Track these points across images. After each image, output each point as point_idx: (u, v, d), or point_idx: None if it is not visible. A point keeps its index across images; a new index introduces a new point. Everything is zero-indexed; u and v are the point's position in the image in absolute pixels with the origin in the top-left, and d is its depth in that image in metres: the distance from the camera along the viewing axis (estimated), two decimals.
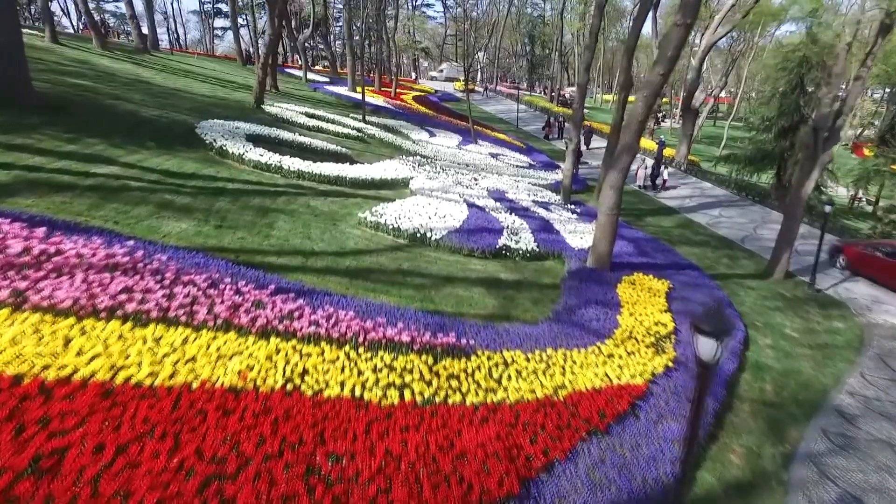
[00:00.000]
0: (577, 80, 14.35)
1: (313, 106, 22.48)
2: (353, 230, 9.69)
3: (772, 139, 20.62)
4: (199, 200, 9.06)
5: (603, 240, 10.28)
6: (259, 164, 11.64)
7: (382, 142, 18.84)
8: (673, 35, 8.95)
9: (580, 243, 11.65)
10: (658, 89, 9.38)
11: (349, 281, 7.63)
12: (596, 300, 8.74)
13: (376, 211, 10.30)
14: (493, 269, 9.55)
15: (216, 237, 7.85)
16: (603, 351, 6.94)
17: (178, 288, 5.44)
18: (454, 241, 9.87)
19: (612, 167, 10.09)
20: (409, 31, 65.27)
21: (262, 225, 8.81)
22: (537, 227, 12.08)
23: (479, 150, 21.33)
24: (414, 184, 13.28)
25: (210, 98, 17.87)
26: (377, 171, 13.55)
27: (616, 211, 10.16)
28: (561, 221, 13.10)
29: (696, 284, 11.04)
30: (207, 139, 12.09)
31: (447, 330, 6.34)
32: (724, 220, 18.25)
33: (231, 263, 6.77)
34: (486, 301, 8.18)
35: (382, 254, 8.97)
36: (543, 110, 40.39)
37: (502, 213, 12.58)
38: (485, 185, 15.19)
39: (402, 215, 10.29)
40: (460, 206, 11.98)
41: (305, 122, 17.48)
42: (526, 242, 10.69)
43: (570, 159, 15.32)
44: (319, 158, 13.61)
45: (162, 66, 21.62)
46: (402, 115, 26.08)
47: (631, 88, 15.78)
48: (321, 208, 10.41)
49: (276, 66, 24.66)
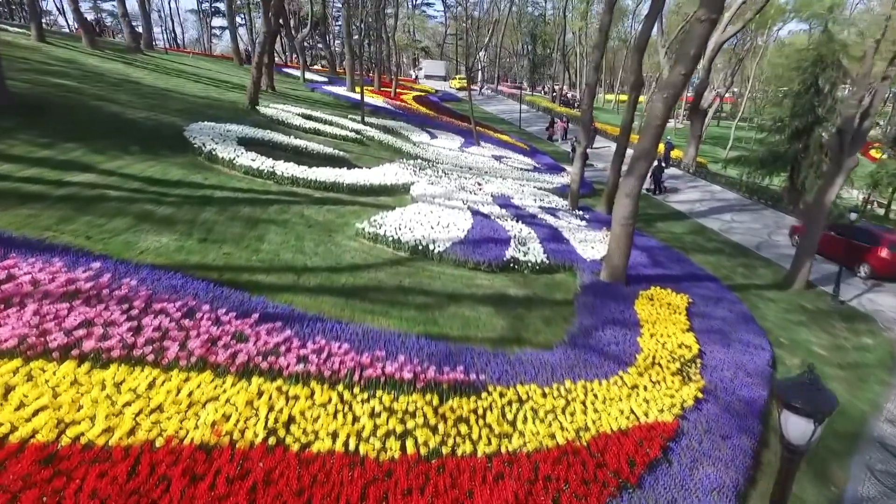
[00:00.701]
0: (586, 80, 13.67)
1: (310, 107, 21.77)
2: (349, 242, 9.00)
3: (784, 141, 19.90)
4: (184, 211, 8.37)
5: (617, 252, 9.60)
6: (250, 170, 10.95)
7: (382, 144, 18.14)
8: (696, 32, 8.26)
9: (592, 254, 10.97)
10: (680, 90, 8.71)
11: (345, 301, 6.94)
12: (613, 319, 8.06)
13: (375, 221, 9.61)
14: (501, 285, 8.87)
15: (199, 253, 7.16)
16: (626, 381, 6.26)
17: (148, 319, 4.76)
18: (459, 254, 9.18)
19: (627, 174, 9.41)
20: (409, 31, 64.61)
21: (251, 238, 8.12)
22: (546, 237, 11.40)
23: (481, 153, 20.64)
24: (415, 190, 12.59)
25: (202, 99, 17.18)
26: (376, 176, 12.86)
27: (632, 221, 9.48)
28: (570, 229, 12.42)
29: (716, 298, 10.36)
30: (196, 143, 11.40)
31: (454, 361, 5.66)
32: (737, 225, 17.58)
33: (213, 285, 6.09)
34: (494, 322, 7.49)
35: (381, 269, 8.28)
36: (546, 110, 39.70)
37: (508, 220, 11.89)
38: (489, 191, 14.50)
39: (402, 225, 9.60)
40: (464, 214, 11.30)
41: (302, 124, 16.79)
42: (535, 254, 10.01)
43: (579, 164, 14.63)
44: (315, 163, 12.92)
45: (154, 66, 20.91)
46: (402, 115, 25.39)
47: (642, 88, 15.09)
48: (316, 218, 9.72)
49: (272, 66, 23.96)
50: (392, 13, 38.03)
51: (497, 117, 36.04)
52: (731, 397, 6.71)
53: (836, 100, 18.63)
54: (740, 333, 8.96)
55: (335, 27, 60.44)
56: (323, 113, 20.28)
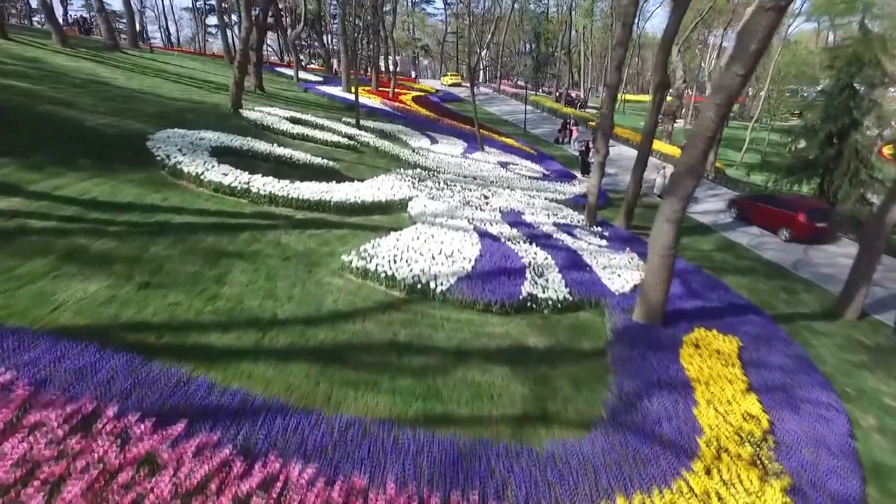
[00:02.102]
0: (606, 81, 12.09)
1: (302, 109, 20.19)
2: (333, 280, 7.42)
3: (815, 146, 18.32)
4: (128, 244, 6.80)
5: (655, 287, 8.02)
6: (221, 187, 9.38)
7: (377, 151, 16.56)
8: (759, 23, 6.66)
9: (619, 284, 9.40)
10: (736, 94, 7.12)
11: (320, 370, 5.37)
12: (658, 380, 6.49)
13: (365, 251, 8.03)
14: (518, 331, 7.30)
15: (136, 305, 5.59)
16: (693, 486, 4.69)
17: (12, 442, 3.19)
18: (466, 292, 7.60)
19: (669, 194, 7.83)
20: (408, 29, 62.95)
21: (210, 278, 6.55)
22: (565, 262, 9.83)
23: (486, 159, 19.05)
24: (414, 207, 11.01)
25: (180, 101, 15.60)
26: (369, 190, 11.28)
27: (673, 251, 7.91)
28: (591, 252, 10.84)
29: (766, 336, 8.81)
30: (159, 155, 9.84)
31: (465, 473, 4.10)
32: (768, 240, 15.98)
33: (141, 359, 4.51)
34: (512, 389, 5.93)
35: (371, 316, 6.70)
36: (551, 111, 38.09)
37: (521, 243, 10.32)
38: (497, 205, 12.92)
39: (398, 256, 8.02)
40: (471, 238, 9.72)
41: (289, 130, 15.21)
42: (555, 288, 8.44)
43: (597, 175, 13.05)
44: (300, 175, 11.36)
45: (131, 65, 19.32)
46: (401, 118, 23.80)
47: (668, 89, 13.50)
48: (294, 247, 8.13)
49: (261, 65, 22.38)
50: (390, 10, 36.36)
51: (500, 119, 34.43)
52: (821, 497, 5.16)
53: (875, 102, 17.07)
54: (805, 388, 7.42)
55: (334, 25, 58.72)
56: (314, 116, 18.71)
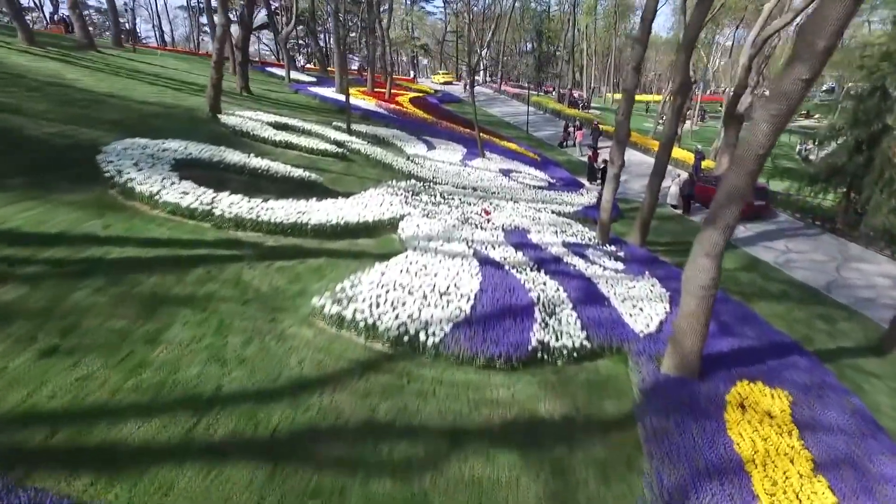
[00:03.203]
0: (624, 84, 10.72)
1: (290, 113, 18.84)
2: (301, 330, 6.07)
3: (843, 153, 16.96)
4: (42, 291, 5.45)
5: (691, 335, 6.67)
6: (179, 209, 8.03)
7: (369, 159, 15.20)
8: (832, 14, 5.29)
9: (643, 322, 8.06)
10: (797, 103, 5.75)
11: (269, 473, 4.03)
12: (706, 465, 5.15)
13: (343, 291, 6.68)
14: (527, 394, 5.95)
15: (30, 383, 4.25)
16: None
17: None
18: (463, 344, 6.26)
19: (709, 223, 6.48)
20: (407, 27, 61.52)
21: (140, 337, 5.20)
22: (579, 295, 8.49)
23: (487, 167, 17.68)
24: (405, 228, 9.66)
25: (151, 105, 14.25)
26: (354, 208, 9.93)
27: (713, 290, 6.56)
28: (606, 279, 9.49)
29: (817, 385, 7.48)
30: (109, 170, 8.49)
31: None
32: (795, 256, 14.65)
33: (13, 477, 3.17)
34: (523, 487, 4.57)
35: (344, 384, 5.35)
36: (554, 112, 36.70)
37: (527, 270, 8.98)
38: (500, 222, 11.56)
39: (382, 297, 6.67)
40: (470, 266, 8.37)
41: (271, 136, 13.85)
42: (570, 331, 7.10)
43: (611, 188, 11.68)
44: (278, 190, 10.03)
45: (104, 65, 17.95)
46: (397, 121, 22.43)
47: (689, 92, 12.14)
48: (258, 286, 6.78)
49: (246, 65, 21.02)
50: (386, 8, 34.93)
51: (502, 121, 33.05)
52: None
53: None
54: (874, 458, 6.08)
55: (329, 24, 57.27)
56: (302, 120, 17.34)
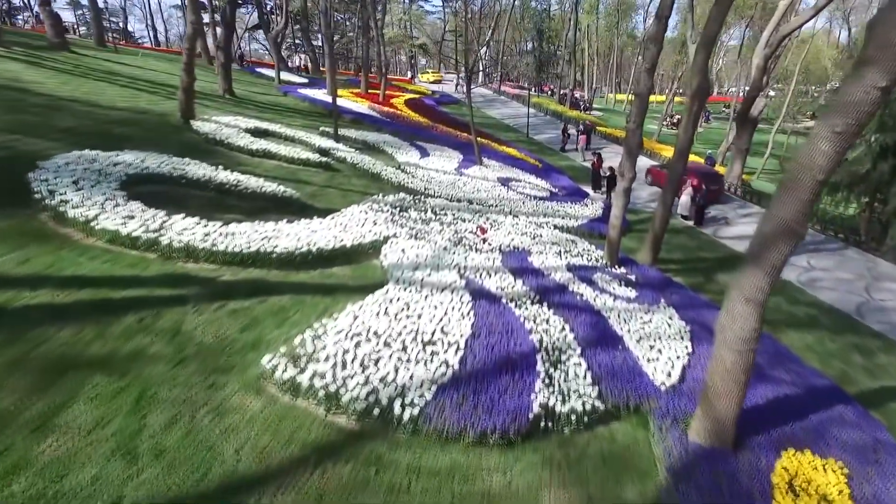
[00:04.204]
0: (636, 89, 9.55)
1: (274, 117, 17.65)
2: (246, 400, 4.87)
3: (867, 160, 15.77)
4: None
5: (726, 397, 5.48)
6: (118, 238, 6.84)
7: (356, 169, 14.00)
8: None
9: (664, 370, 6.86)
10: (868, 118, 4.55)
11: None
12: None
13: (303, 345, 5.48)
14: (528, 480, 4.75)
15: None
16: None
17: None
18: (449, 414, 5.05)
19: (752, 263, 5.29)
20: (404, 26, 60.23)
21: (25, 424, 4.00)
22: (588, 335, 7.30)
23: (484, 175, 16.48)
24: (388, 254, 8.46)
25: (118, 111, 13.06)
26: (331, 230, 8.74)
27: (755, 344, 5.38)
28: (619, 313, 8.29)
29: (871, 446, 6.30)
30: (40, 191, 7.30)
31: None
32: (820, 274, 13.45)
33: None
34: None
35: (292, 480, 4.13)
36: (555, 114, 35.48)
37: (527, 303, 7.79)
38: (497, 242, 10.37)
39: (351, 352, 5.47)
40: (461, 302, 7.18)
41: (247, 145, 12.65)
42: (579, 389, 5.90)
43: (621, 203, 10.48)
44: (246, 209, 8.85)
45: (74, 66, 16.76)
46: (390, 125, 21.24)
47: (707, 95, 10.95)
48: (200, 336, 5.58)
49: (229, 66, 19.83)
50: (381, 6, 33.69)
51: (501, 123, 31.83)
52: None
53: None
54: None
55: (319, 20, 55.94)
56: (287, 126, 16.16)
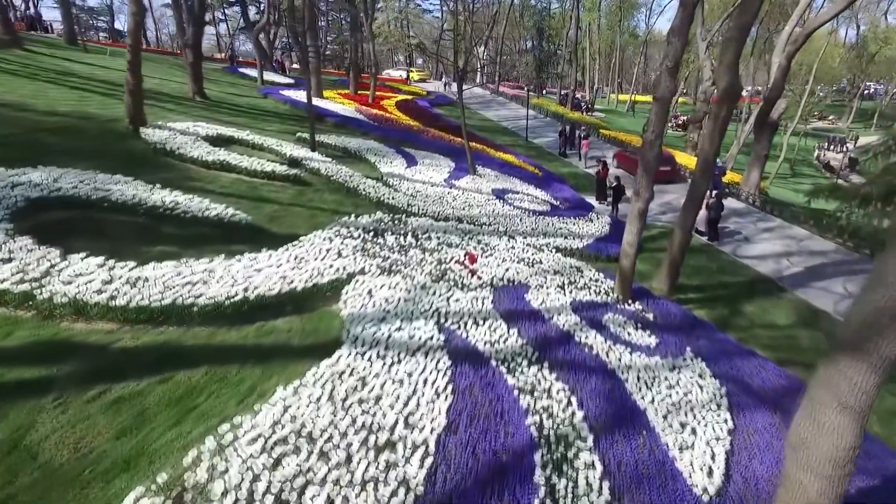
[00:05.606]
0: (657, 94, 7.89)
1: (248, 122, 15.98)
2: None
3: None
4: None
5: None
6: None
7: (330, 182, 12.33)
8: None
9: (700, 465, 5.20)
10: None
11: None
12: None
13: (195, 467, 3.83)
14: None
15: None
16: None
17: None
18: None
19: (846, 349, 3.64)
20: (401, 25, 58.61)
21: None
22: (600, 410, 5.64)
23: (477, 187, 14.81)
24: (349, 300, 6.79)
25: (57, 117, 11.42)
26: (280, 267, 7.08)
27: (851, 467, 3.70)
28: (637, 372, 6.63)
29: None
30: None
31: None
32: None
33: None
34: None
35: None
36: (556, 116, 33.82)
37: (524, 365, 6.14)
38: (488, 276, 8.70)
39: (267, 475, 3.82)
40: (437, 372, 5.52)
41: (203, 156, 10.99)
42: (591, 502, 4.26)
43: (635, 229, 8.81)
44: (182, 239, 7.20)
45: (20, 67, 15.13)
46: (376, 129, 19.58)
47: (738, 98, 9.30)
48: (49, 454, 3.89)
49: (199, 66, 18.18)
50: (380, 6, 32.08)
51: (499, 126, 30.16)
52: None
53: None
54: None
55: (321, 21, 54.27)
56: (257, 132, 14.48)
